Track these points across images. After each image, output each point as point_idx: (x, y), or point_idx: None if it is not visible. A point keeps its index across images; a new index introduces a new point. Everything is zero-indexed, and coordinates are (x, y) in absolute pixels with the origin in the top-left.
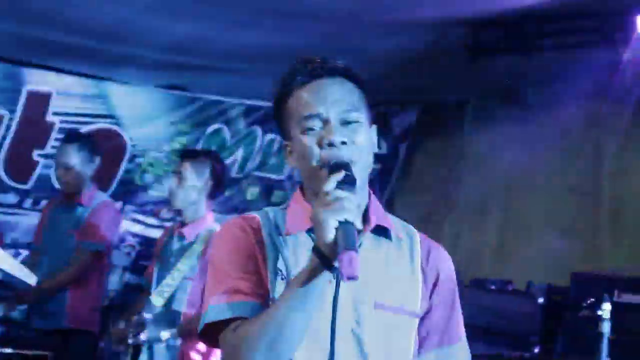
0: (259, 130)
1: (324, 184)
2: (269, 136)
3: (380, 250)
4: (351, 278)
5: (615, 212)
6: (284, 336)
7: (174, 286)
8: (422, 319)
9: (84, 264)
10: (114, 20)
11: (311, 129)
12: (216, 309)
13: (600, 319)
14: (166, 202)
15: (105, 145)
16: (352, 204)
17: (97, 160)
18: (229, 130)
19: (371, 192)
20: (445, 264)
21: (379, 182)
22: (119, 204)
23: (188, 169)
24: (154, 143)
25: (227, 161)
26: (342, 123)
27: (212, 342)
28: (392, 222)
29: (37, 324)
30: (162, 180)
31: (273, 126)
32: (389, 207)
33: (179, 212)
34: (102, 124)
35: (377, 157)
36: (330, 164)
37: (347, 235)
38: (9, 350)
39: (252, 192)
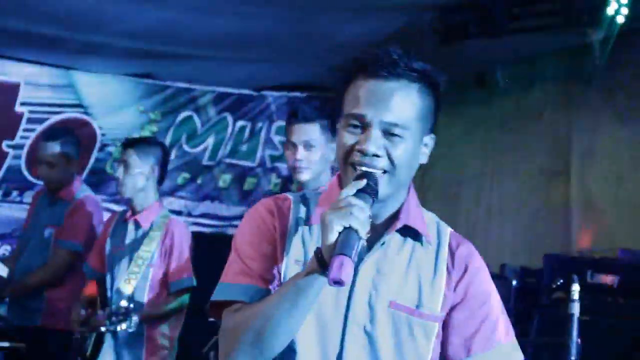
0: (229, 118)
1: (345, 186)
2: (240, 123)
3: (404, 250)
4: (337, 283)
5: (585, 193)
6: (268, 330)
7: (140, 273)
8: (447, 322)
9: (62, 264)
10: (81, 9)
11: (353, 127)
12: (223, 287)
13: (570, 300)
14: None
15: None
16: (363, 214)
17: (79, 152)
18: (200, 117)
19: (412, 193)
20: (473, 262)
21: None
22: None
23: (133, 156)
24: (124, 132)
25: (199, 149)
26: (384, 132)
27: (218, 316)
28: (426, 222)
29: (13, 320)
30: None
31: (244, 113)
32: None
33: (128, 200)
34: (71, 114)
35: None
36: (358, 173)
37: (346, 240)
38: None
39: (224, 179)
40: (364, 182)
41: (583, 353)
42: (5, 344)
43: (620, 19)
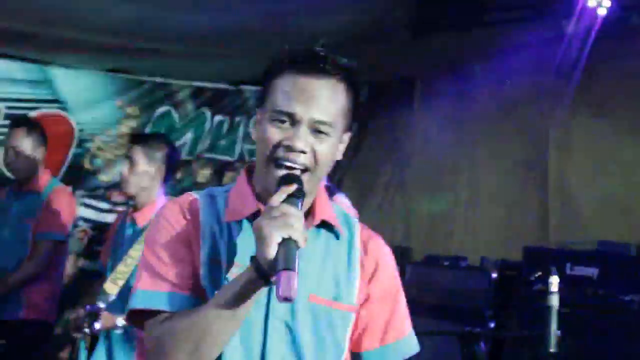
0: (208, 112)
1: (270, 183)
2: (218, 117)
3: (319, 243)
4: (287, 299)
5: (562, 186)
6: (208, 340)
7: (128, 273)
8: (362, 314)
9: (46, 255)
10: (57, 4)
11: (280, 122)
12: (143, 295)
13: (549, 292)
14: (117, 185)
15: (52, 131)
16: (299, 222)
17: (45, 144)
18: (178, 112)
19: (322, 187)
20: (384, 255)
21: None
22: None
23: (139, 154)
24: (101, 127)
25: (177, 144)
26: (312, 129)
27: (138, 325)
28: (336, 215)
29: None
30: (112, 164)
31: (222, 107)
32: (340, 186)
33: (131, 197)
34: (48, 109)
35: None
36: (281, 176)
37: (289, 254)
38: None
39: (203, 174)
40: (294, 186)
41: (562, 345)
42: None
43: (601, 12)
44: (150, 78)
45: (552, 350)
